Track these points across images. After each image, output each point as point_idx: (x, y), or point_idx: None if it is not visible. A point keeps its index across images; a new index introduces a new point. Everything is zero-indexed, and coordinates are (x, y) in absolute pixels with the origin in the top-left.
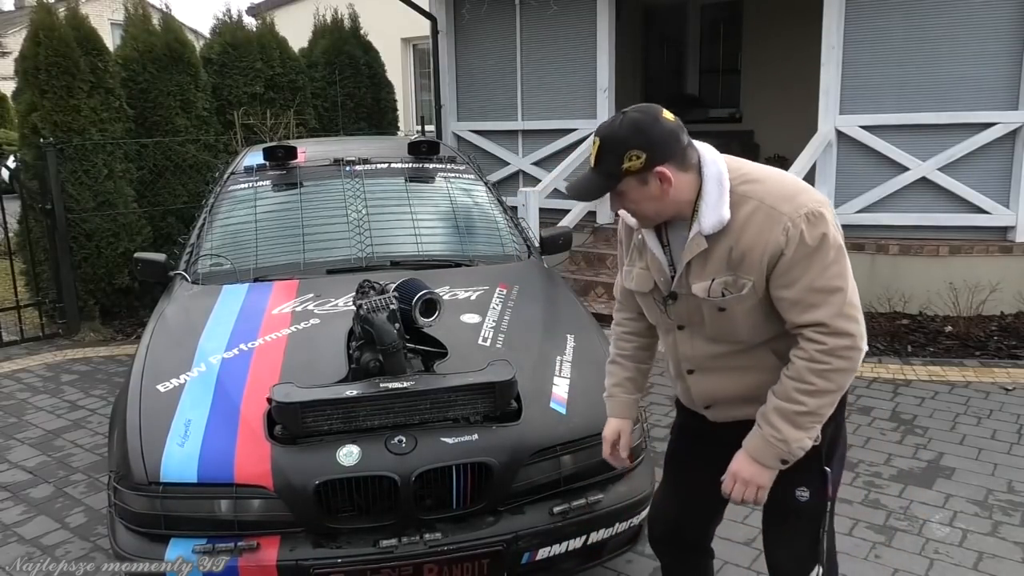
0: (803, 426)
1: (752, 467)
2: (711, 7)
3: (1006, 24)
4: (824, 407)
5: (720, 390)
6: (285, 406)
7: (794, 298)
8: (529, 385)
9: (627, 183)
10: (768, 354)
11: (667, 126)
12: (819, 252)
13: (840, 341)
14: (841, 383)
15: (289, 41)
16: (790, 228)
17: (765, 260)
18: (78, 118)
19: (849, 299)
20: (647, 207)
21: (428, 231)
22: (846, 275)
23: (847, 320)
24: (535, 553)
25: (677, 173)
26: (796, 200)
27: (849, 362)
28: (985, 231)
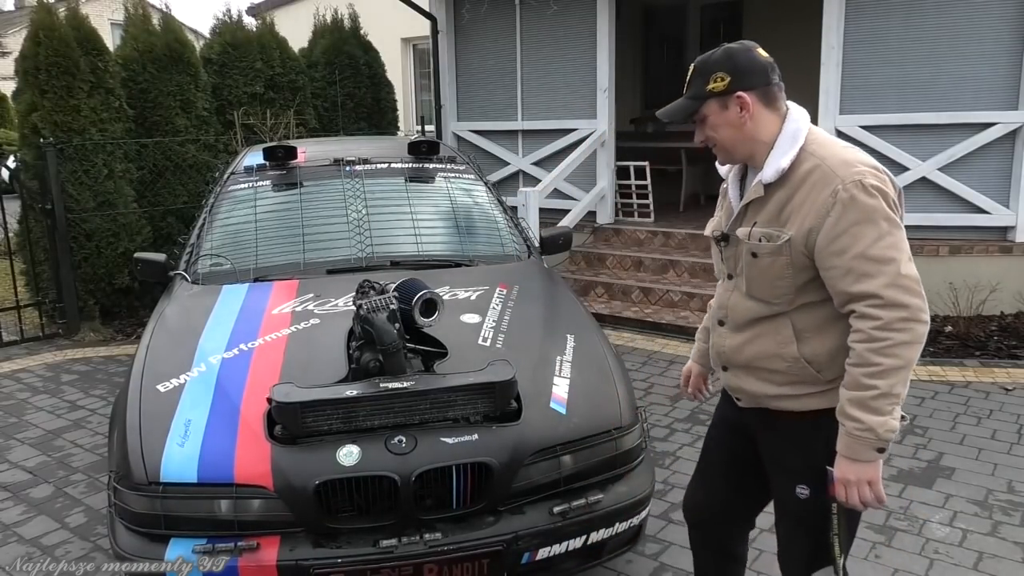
0: (882, 410)
1: (853, 467)
2: (711, 7)
3: (1006, 24)
4: (897, 385)
5: (735, 348)
6: (285, 406)
7: (846, 266)
8: (529, 385)
9: (710, 106)
10: (787, 325)
11: (757, 58)
12: (870, 222)
13: (896, 313)
14: (908, 357)
15: (289, 41)
16: (840, 191)
17: (809, 219)
18: (78, 118)
19: (904, 271)
20: (725, 134)
21: (428, 231)
22: (901, 248)
23: (902, 291)
24: (535, 553)
25: (758, 106)
26: (854, 167)
27: (910, 334)
28: (985, 231)
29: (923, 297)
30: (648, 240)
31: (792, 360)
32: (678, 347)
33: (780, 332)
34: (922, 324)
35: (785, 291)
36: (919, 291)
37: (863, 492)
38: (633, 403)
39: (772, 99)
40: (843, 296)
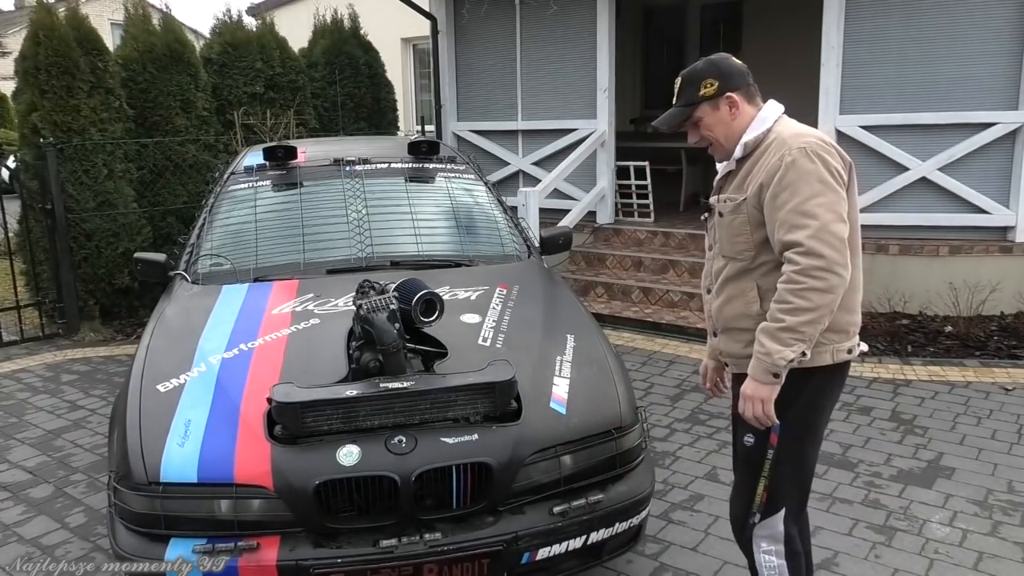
0: (783, 341)
1: (750, 384)
2: (711, 7)
3: (1006, 24)
4: (801, 325)
5: (719, 311)
6: (285, 406)
7: (782, 218)
8: (529, 385)
9: (702, 109)
10: (752, 286)
11: (735, 64)
12: (806, 181)
13: (812, 261)
14: (816, 302)
15: (289, 41)
16: (786, 155)
17: (760, 178)
18: (78, 118)
19: (829, 227)
20: (719, 131)
21: (428, 231)
22: (831, 208)
23: (822, 244)
24: (535, 553)
25: (743, 103)
26: (804, 137)
27: (822, 282)
28: (985, 231)
29: (842, 253)
30: (648, 240)
31: (757, 317)
32: (678, 347)
33: (747, 293)
34: (835, 276)
35: (745, 246)
36: (839, 247)
37: (756, 408)
38: (633, 403)
39: (752, 96)
40: (779, 245)
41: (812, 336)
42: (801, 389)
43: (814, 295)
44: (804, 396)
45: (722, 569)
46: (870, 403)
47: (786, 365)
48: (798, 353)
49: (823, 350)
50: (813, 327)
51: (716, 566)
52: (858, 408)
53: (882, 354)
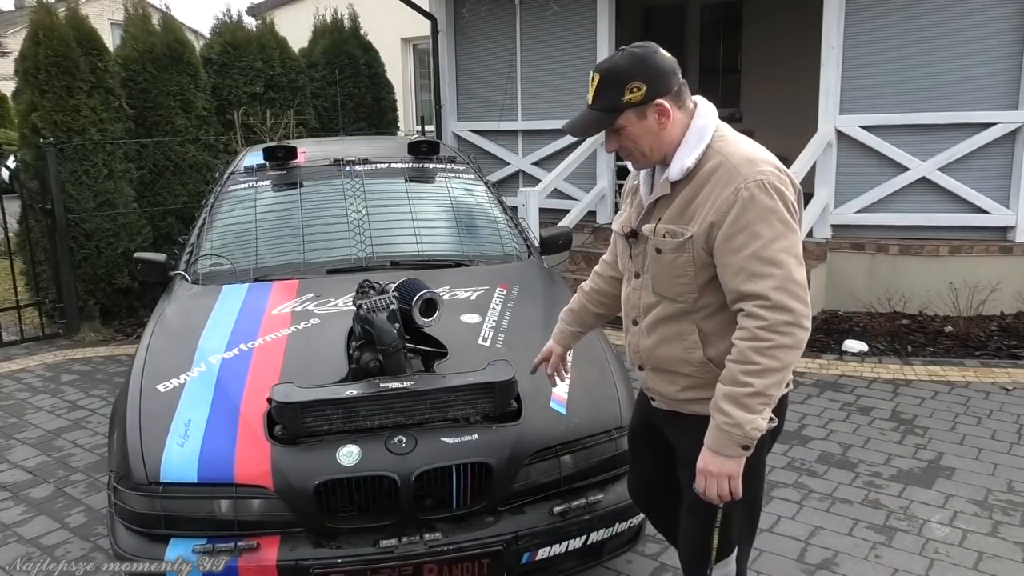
0: (752, 408)
1: (716, 460)
2: (711, 7)
3: (1006, 24)
4: (771, 387)
5: (650, 351)
6: (285, 406)
7: (739, 265)
8: (529, 385)
9: (627, 116)
10: (693, 330)
11: (665, 61)
12: (767, 221)
13: (780, 316)
14: (785, 360)
15: (289, 41)
16: (742, 189)
17: (711, 215)
18: (78, 118)
19: (794, 276)
20: (644, 143)
21: (428, 231)
22: (793, 252)
23: (788, 296)
24: (535, 553)
25: (674, 109)
26: (758, 166)
27: (791, 338)
28: (985, 231)
29: (807, 304)
30: None
31: (699, 364)
32: None
33: (686, 337)
34: (803, 330)
35: (687, 289)
36: (804, 298)
37: (722, 486)
38: (633, 403)
39: (683, 100)
40: (734, 294)
41: (776, 398)
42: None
43: (782, 352)
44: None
45: None
46: (870, 403)
47: (759, 435)
48: (767, 419)
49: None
50: (779, 389)
51: None
52: (858, 408)
53: (882, 354)
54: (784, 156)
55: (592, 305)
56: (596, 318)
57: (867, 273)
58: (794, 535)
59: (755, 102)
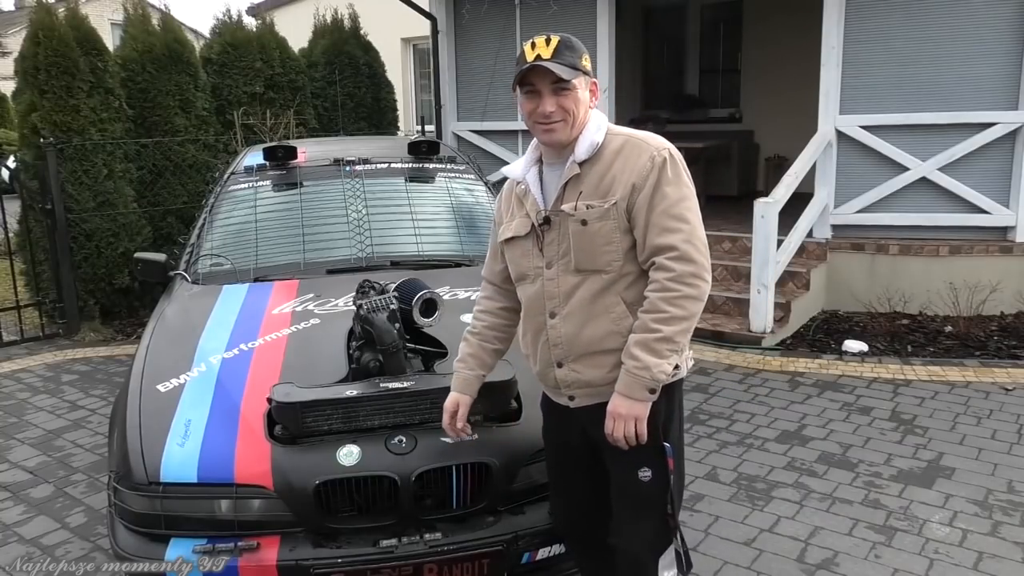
0: (661, 353)
1: (625, 403)
2: (711, 7)
3: (1006, 24)
4: (678, 334)
5: (574, 336)
6: (285, 406)
7: (654, 221)
8: (529, 385)
9: (580, 80)
10: (618, 301)
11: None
12: (677, 184)
13: (687, 267)
14: (691, 310)
15: (289, 41)
16: (655, 156)
17: (631, 179)
18: (78, 118)
19: (698, 233)
20: (580, 110)
21: (428, 231)
22: (696, 212)
23: (694, 249)
24: (535, 553)
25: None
26: (659, 140)
27: (696, 289)
28: (985, 231)
29: (708, 258)
30: None
31: (627, 333)
32: None
33: (612, 309)
34: (705, 283)
35: (613, 256)
36: (706, 253)
37: (629, 427)
38: None
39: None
40: (649, 249)
41: (684, 347)
42: (672, 404)
43: (688, 302)
44: (676, 411)
45: (722, 569)
46: (870, 403)
47: (666, 379)
48: (673, 365)
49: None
50: (686, 336)
51: (716, 566)
52: (858, 408)
53: (882, 354)
54: (784, 156)
55: (489, 343)
56: (495, 355)
57: (867, 273)
58: (794, 535)
59: (755, 102)
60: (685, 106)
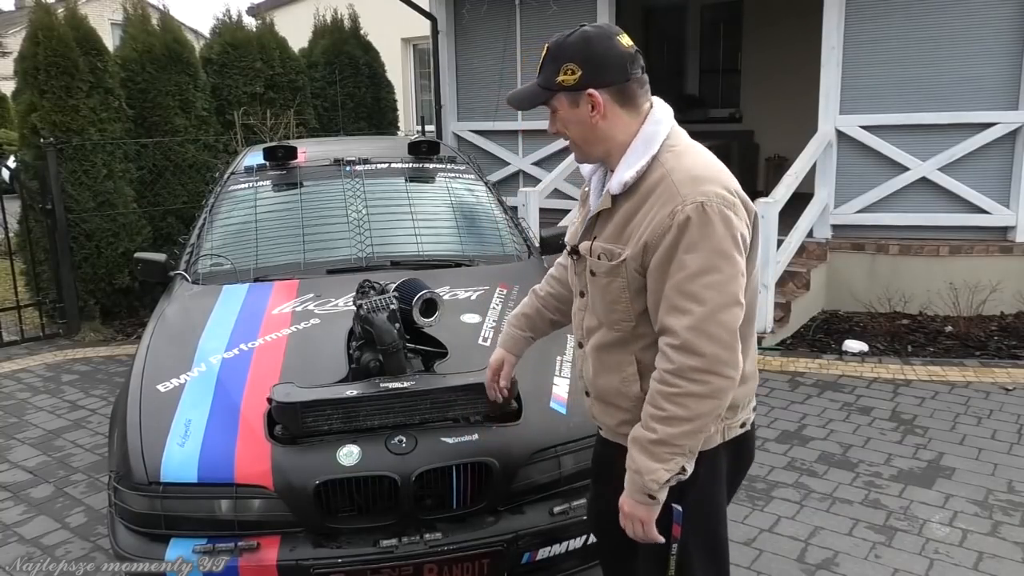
0: (657, 456)
1: (627, 501)
2: (711, 7)
3: (1006, 24)
4: (678, 437)
5: (592, 378)
6: (285, 406)
7: (665, 294)
8: (529, 385)
9: (559, 99)
10: (632, 361)
11: (615, 48)
12: (698, 251)
13: (688, 360)
14: (696, 410)
15: (289, 41)
16: (679, 212)
17: (645, 236)
18: (77, 118)
19: (717, 316)
20: (575, 132)
21: (428, 231)
22: (724, 288)
23: (703, 338)
24: (535, 553)
25: (613, 105)
26: (701, 186)
27: (704, 387)
28: (985, 231)
29: (731, 350)
30: None
31: (635, 399)
32: None
33: (624, 369)
34: (721, 378)
35: (622, 316)
36: (728, 342)
37: (636, 528)
38: None
39: (630, 97)
40: (658, 326)
41: (694, 448)
42: (696, 473)
43: (692, 402)
44: (701, 479)
45: None
46: (870, 403)
47: (660, 487)
48: (675, 470)
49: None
50: (693, 439)
51: None
52: (858, 408)
53: (882, 354)
54: (784, 156)
55: (547, 311)
56: (551, 325)
57: (867, 273)
58: (794, 535)
59: (755, 102)
60: (685, 106)
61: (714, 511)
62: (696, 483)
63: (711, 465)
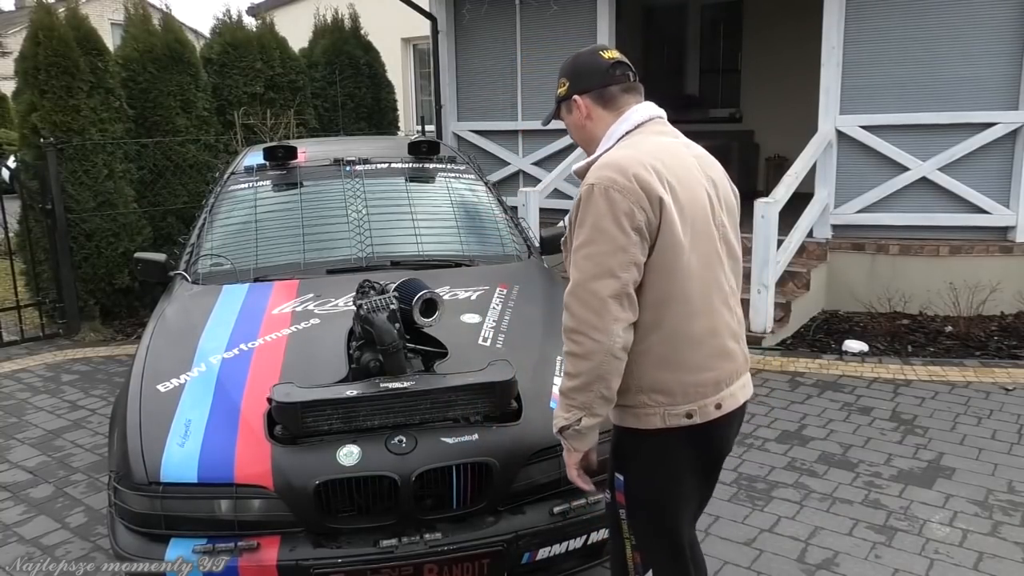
0: (561, 404)
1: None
2: (711, 7)
3: (1006, 24)
4: (570, 391)
5: None
6: (285, 406)
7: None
8: (529, 385)
9: (562, 110)
10: None
11: (597, 61)
12: (584, 224)
13: (567, 322)
14: (578, 369)
15: (289, 41)
16: (581, 190)
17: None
18: (78, 118)
19: (588, 285)
20: (575, 135)
21: (428, 231)
22: (599, 260)
23: (577, 303)
24: (535, 553)
25: (595, 108)
26: (601, 171)
27: (577, 346)
28: (985, 231)
29: (600, 315)
30: None
31: None
32: None
33: None
34: (590, 340)
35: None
36: (596, 308)
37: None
38: None
39: (610, 99)
40: None
41: (587, 404)
42: (636, 450)
43: (573, 361)
44: (641, 457)
45: (722, 569)
46: (870, 403)
47: (560, 432)
48: (572, 421)
49: (650, 412)
50: (584, 394)
51: (716, 566)
52: (858, 408)
53: (882, 354)
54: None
55: None
56: None
57: (867, 273)
58: (794, 535)
59: (755, 102)
60: (685, 106)
61: (663, 491)
62: (638, 459)
63: (655, 446)
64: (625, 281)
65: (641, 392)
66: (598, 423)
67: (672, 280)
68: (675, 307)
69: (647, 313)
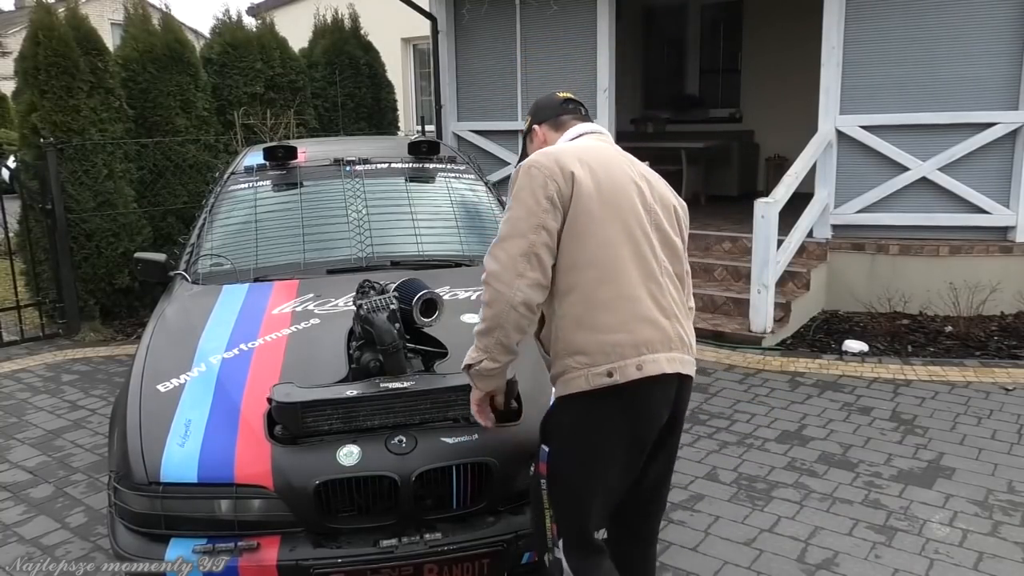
0: (475, 344)
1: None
2: (711, 7)
3: (1006, 24)
4: (478, 333)
5: None
6: (285, 406)
7: None
8: (529, 385)
9: (527, 141)
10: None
11: (551, 98)
12: (511, 196)
13: (483, 272)
14: (485, 314)
15: (289, 41)
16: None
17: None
18: (78, 118)
19: (502, 243)
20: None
21: (428, 231)
22: (513, 225)
23: (491, 257)
24: (536, 553)
25: (550, 132)
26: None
27: (488, 293)
28: (985, 231)
29: (507, 269)
30: None
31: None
32: None
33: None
34: (494, 290)
35: None
36: (504, 262)
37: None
38: None
39: (560, 125)
40: None
41: (490, 348)
42: (562, 416)
43: (482, 307)
44: (567, 424)
45: (722, 569)
46: (870, 403)
47: (466, 370)
48: (475, 361)
49: (575, 375)
50: (486, 338)
51: (716, 566)
52: (858, 408)
53: (882, 354)
54: (784, 156)
55: None
56: None
57: (867, 273)
58: (794, 535)
59: (755, 102)
60: (685, 106)
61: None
62: (562, 428)
63: (580, 413)
64: (533, 241)
65: (567, 355)
66: (499, 368)
67: (583, 246)
68: (587, 271)
69: (563, 277)
